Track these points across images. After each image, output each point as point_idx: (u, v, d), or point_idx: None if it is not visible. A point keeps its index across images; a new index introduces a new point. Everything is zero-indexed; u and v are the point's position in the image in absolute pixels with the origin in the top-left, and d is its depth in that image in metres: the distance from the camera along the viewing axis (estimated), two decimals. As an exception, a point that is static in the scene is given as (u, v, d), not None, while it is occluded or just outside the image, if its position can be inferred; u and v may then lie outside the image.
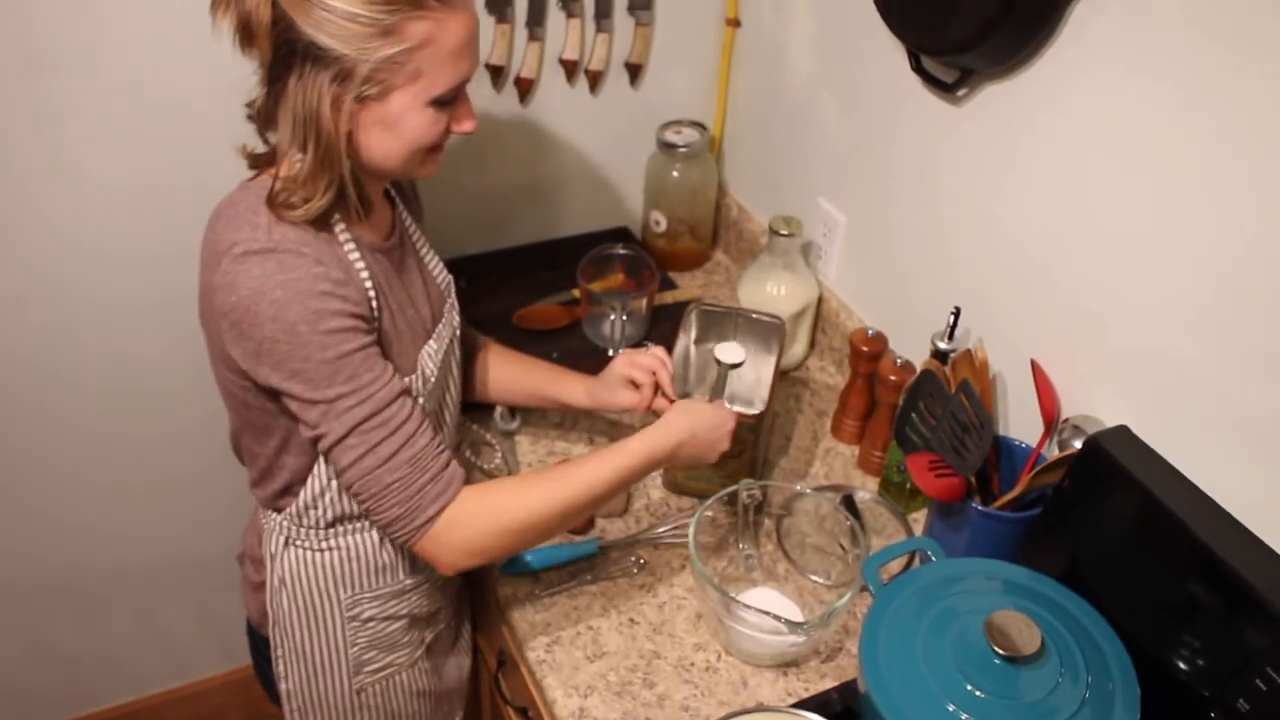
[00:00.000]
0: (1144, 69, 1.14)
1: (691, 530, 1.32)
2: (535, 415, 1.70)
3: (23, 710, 2.16)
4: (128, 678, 2.24)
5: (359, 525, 1.33)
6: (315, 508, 1.29)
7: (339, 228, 1.18)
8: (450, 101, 1.16)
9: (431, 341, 1.33)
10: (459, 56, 1.13)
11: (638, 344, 1.76)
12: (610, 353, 1.75)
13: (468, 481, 1.21)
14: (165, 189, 1.65)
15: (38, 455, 1.85)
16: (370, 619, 1.39)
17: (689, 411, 1.36)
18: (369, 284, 1.20)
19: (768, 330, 1.60)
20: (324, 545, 1.33)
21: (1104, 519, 1.20)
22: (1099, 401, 1.31)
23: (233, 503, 2.01)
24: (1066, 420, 1.33)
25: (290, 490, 1.29)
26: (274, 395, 1.17)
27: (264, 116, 1.16)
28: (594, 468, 1.27)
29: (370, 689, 1.44)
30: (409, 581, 1.40)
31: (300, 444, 1.24)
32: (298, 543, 1.33)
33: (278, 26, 1.05)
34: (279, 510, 1.32)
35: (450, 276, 1.43)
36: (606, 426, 1.69)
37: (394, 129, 1.14)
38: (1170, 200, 1.15)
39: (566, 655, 1.36)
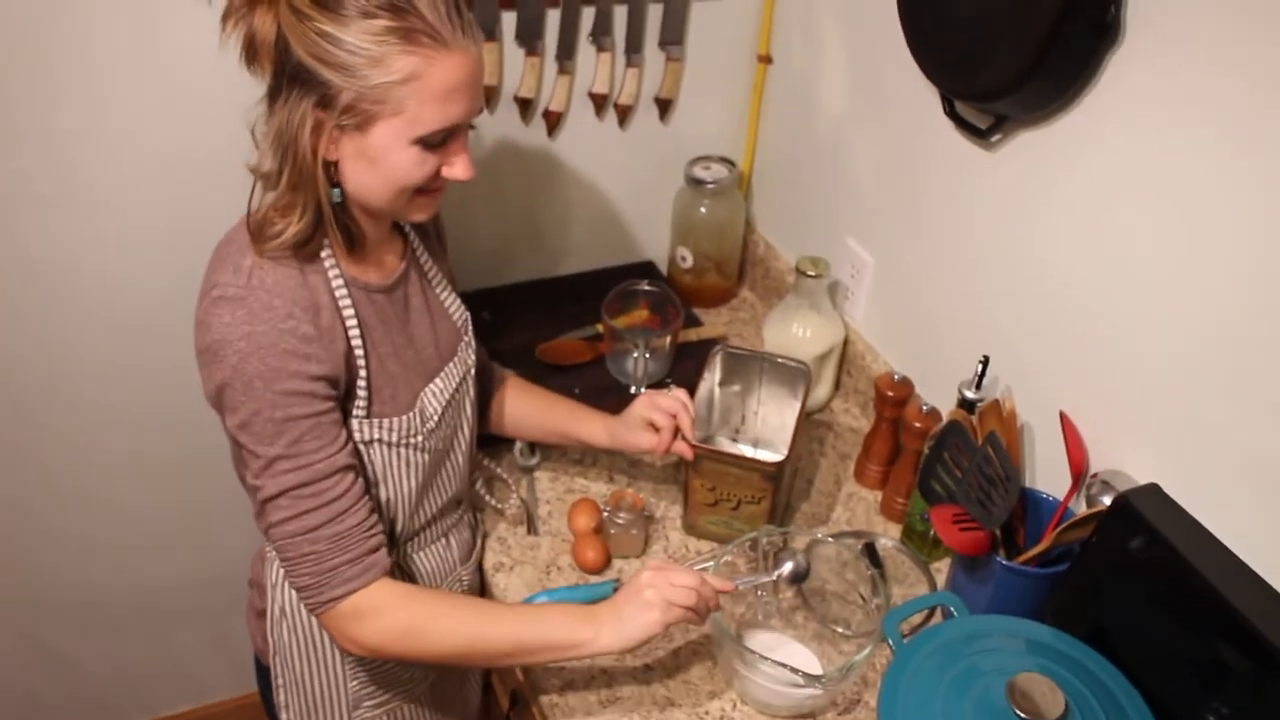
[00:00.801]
0: (1181, 117, 1.13)
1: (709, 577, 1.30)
2: (555, 452, 1.68)
3: (36, 729, 2.16)
4: (141, 699, 2.24)
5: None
6: None
7: (329, 264, 1.18)
8: (439, 144, 1.14)
9: (437, 381, 1.33)
10: (448, 99, 1.10)
11: (660, 382, 1.75)
12: (633, 390, 1.73)
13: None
14: (192, 208, 1.65)
15: (55, 474, 1.85)
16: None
17: (613, 608, 1.21)
18: (354, 327, 1.19)
19: (793, 375, 1.58)
20: None
21: (1132, 578, 1.18)
22: (1128, 456, 1.29)
23: (249, 526, 2.01)
24: (1095, 475, 1.30)
25: None
26: None
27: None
28: (513, 622, 1.23)
29: None
30: None
31: None
32: None
33: (279, 47, 1.07)
34: None
35: (468, 314, 1.42)
36: (627, 465, 1.67)
37: (376, 164, 1.12)
38: (1205, 252, 1.13)
39: (579, 699, 1.34)
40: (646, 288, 1.81)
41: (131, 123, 1.57)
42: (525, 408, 1.55)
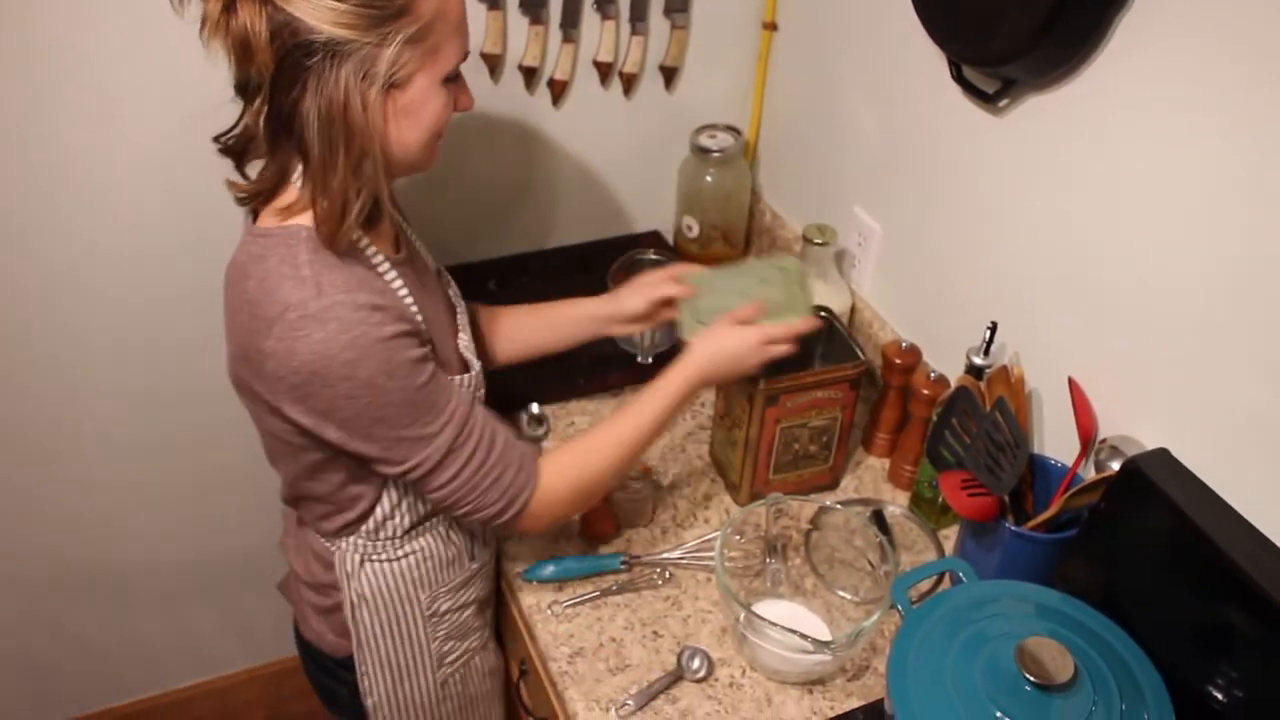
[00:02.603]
0: (1191, 83, 1.12)
1: (718, 545, 1.31)
2: (562, 423, 1.69)
3: (52, 701, 2.18)
4: (155, 671, 2.26)
5: (428, 524, 1.34)
6: (393, 518, 1.29)
7: (364, 243, 1.16)
8: (455, 79, 1.14)
9: (462, 334, 1.34)
10: (460, 29, 1.11)
11: (668, 353, 1.74)
12: (639, 359, 1.73)
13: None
14: (191, 185, 1.65)
15: (63, 452, 1.86)
16: (446, 611, 1.40)
17: (707, 339, 1.38)
18: (409, 298, 1.19)
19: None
20: (400, 554, 1.33)
21: (1141, 543, 1.18)
22: (1138, 422, 1.28)
23: (261, 501, 2.02)
24: (1104, 440, 1.30)
25: (364, 515, 1.28)
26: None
27: (258, 139, 1.10)
28: (641, 408, 1.33)
29: (452, 679, 1.46)
30: (474, 566, 1.42)
31: (368, 470, 1.22)
32: (374, 558, 1.32)
33: (279, 36, 1.00)
34: (349, 535, 1.31)
35: (436, 262, 1.42)
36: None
37: (416, 115, 1.11)
38: (1215, 218, 1.12)
39: (589, 667, 1.34)
40: (653, 257, 1.81)
41: (129, 108, 1.56)
42: (512, 325, 1.55)
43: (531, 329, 1.56)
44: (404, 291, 1.18)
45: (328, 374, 1.07)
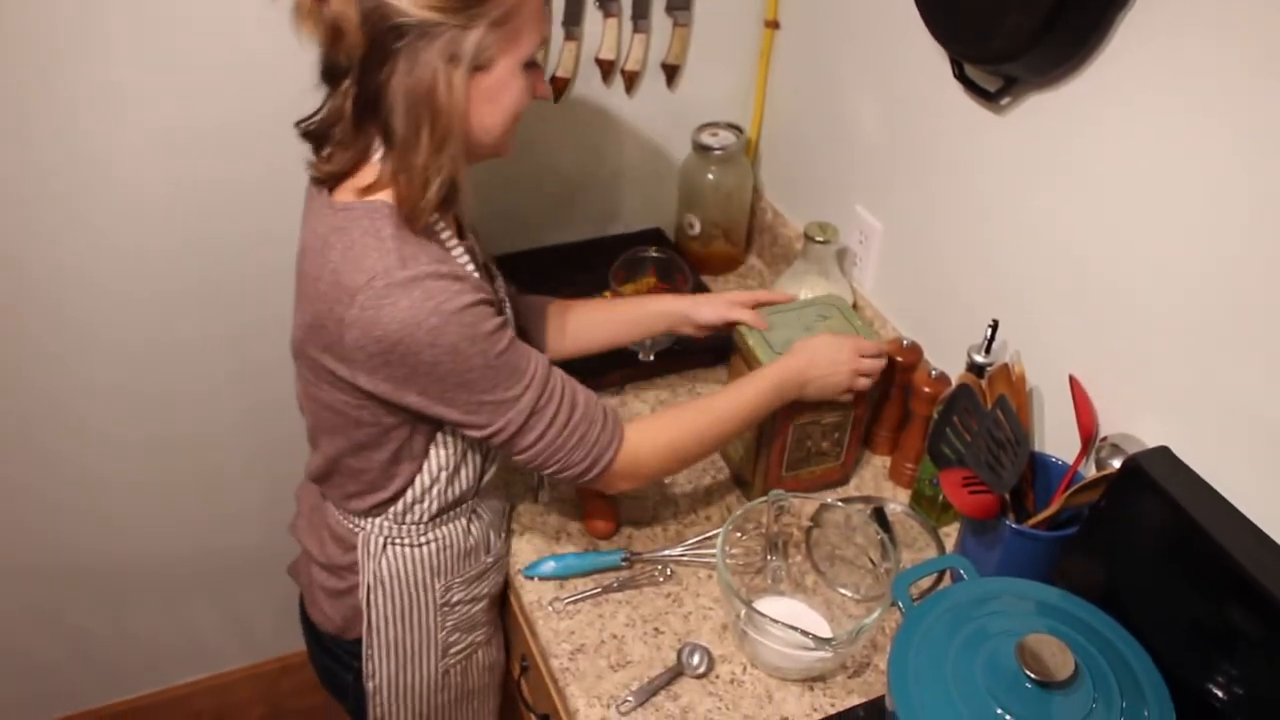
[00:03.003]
0: (1193, 81, 1.12)
1: (720, 542, 1.31)
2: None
3: (51, 696, 2.18)
4: (154, 667, 2.26)
5: (453, 513, 1.36)
6: (422, 502, 1.31)
7: (439, 225, 1.19)
8: (532, 65, 1.17)
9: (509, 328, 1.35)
10: (540, 12, 1.14)
11: (669, 350, 1.74)
12: (640, 356, 1.73)
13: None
14: (198, 181, 1.66)
15: (65, 449, 1.86)
16: (458, 603, 1.42)
17: (807, 342, 1.44)
18: (476, 276, 1.21)
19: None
20: (422, 540, 1.35)
21: (1142, 541, 1.18)
22: (1138, 420, 1.28)
23: (262, 498, 2.02)
24: (1105, 438, 1.30)
25: (398, 494, 1.30)
26: (400, 409, 1.19)
27: (344, 122, 1.12)
28: (734, 395, 1.37)
29: (453, 670, 1.47)
30: (489, 560, 1.44)
31: (413, 450, 1.26)
32: (397, 541, 1.34)
33: (369, 20, 1.04)
34: (377, 515, 1.33)
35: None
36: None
37: (496, 100, 1.14)
38: (1217, 217, 1.12)
39: (590, 663, 1.34)
40: (654, 254, 1.81)
41: (138, 95, 1.56)
42: (585, 322, 1.57)
43: (603, 324, 1.58)
44: (471, 269, 1.21)
45: (412, 341, 1.10)
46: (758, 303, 1.55)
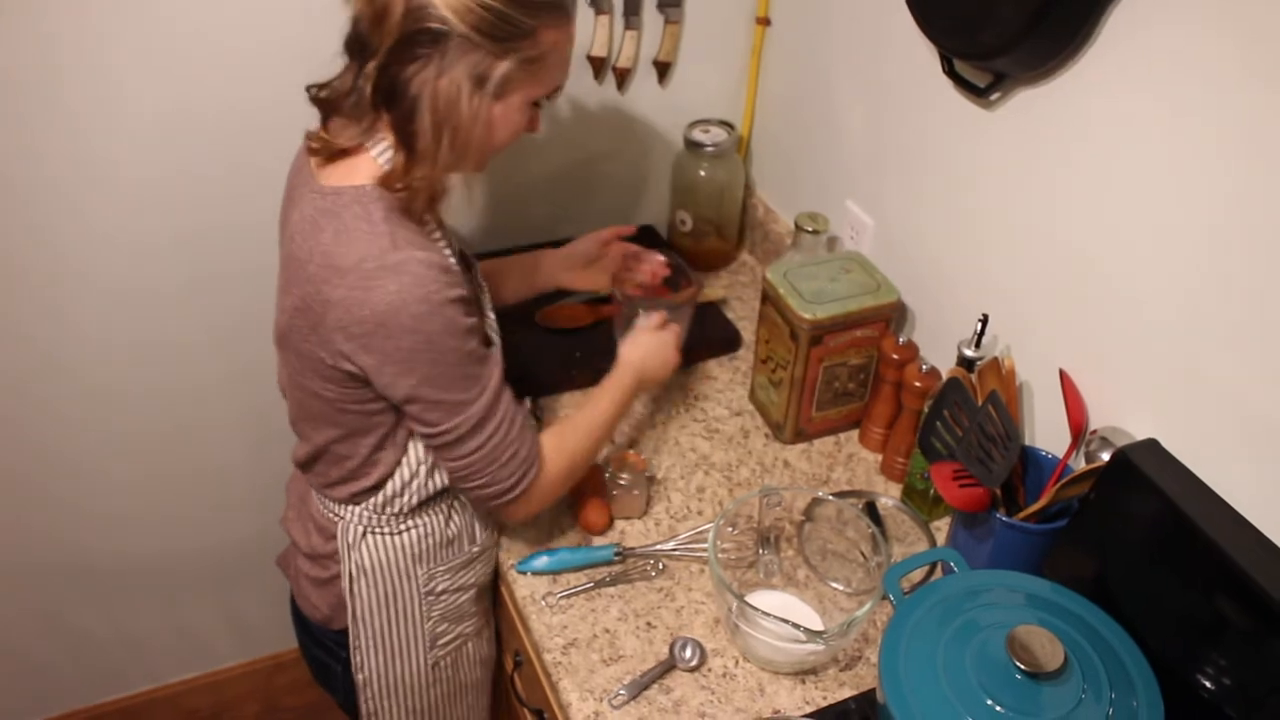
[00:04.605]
0: (1181, 76, 1.12)
1: (711, 537, 1.32)
2: (557, 415, 1.69)
3: (47, 695, 2.18)
4: (149, 665, 2.26)
5: (434, 503, 1.37)
6: (402, 495, 1.33)
7: (425, 220, 1.21)
8: (538, 104, 1.22)
9: (489, 314, 1.37)
10: (567, 61, 1.22)
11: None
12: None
13: None
14: (192, 174, 1.66)
15: (59, 446, 1.86)
16: (443, 592, 1.42)
17: (633, 341, 1.50)
18: (456, 267, 1.22)
19: None
20: (401, 528, 1.36)
21: (1131, 533, 1.18)
22: (1128, 413, 1.29)
23: (256, 496, 2.02)
24: (1094, 432, 1.31)
25: (379, 484, 1.31)
26: (380, 398, 1.21)
27: (357, 100, 1.15)
28: (603, 397, 1.42)
29: (443, 662, 1.48)
30: (474, 550, 1.44)
31: (396, 438, 1.28)
32: (376, 530, 1.35)
33: (413, 14, 1.06)
34: (357, 504, 1.34)
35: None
36: (629, 428, 1.68)
37: (499, 126, 1.18)
38: (1204, 211, 1.13)
39: (583, 658, 1.35)
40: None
41: (132, 83, 1.56)
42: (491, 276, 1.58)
43: (502, 285, 1.62)
44: (454, 263, 1.22)
45: (394, 324, 1.11)
46: (615, 235, 1.66)
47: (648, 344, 1.50)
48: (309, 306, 1.16)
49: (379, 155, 1.17)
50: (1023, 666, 1.03)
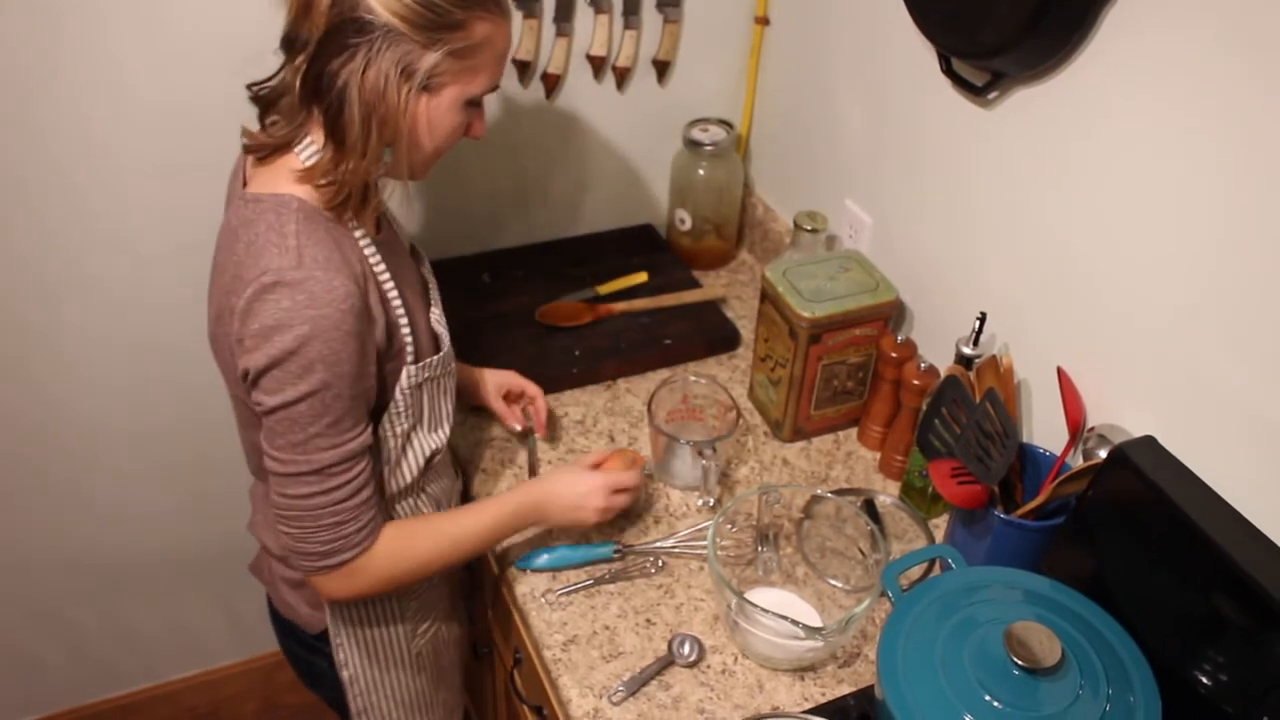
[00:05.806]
0: (1178, 75, 1.13)
1: (711, 534, 1.32)
2: (556, 414, 1.69)
3: (44, 693, 2.18)
4: (147, 663, 2.26)
5: (397, 501, 1.35)
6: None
7: (351, 224, 1.19)
8: (477, 104, 1.19)
9: (434, 309, 1.36)
10: (502, 59, 1.18)
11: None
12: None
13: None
14: (188, 168, 1.66)
15: (58, 441, 1.87)
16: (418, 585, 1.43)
17: (555, 473, 1.41)
18: (391, 288, 1.21)
19: None
20: None
21: (1128, 530, 1.19)
22: (1125, 411, 1.30)
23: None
24: (1092, 429, 1.31)
25: None
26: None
27: (290, 96, 1.13)
28: (474, 516, 1.34)
29: (424, 651, 1.48)
30: None
31: None
32: None
33: (339, 4, 1.05)
34: None
35: (413, 243, 1.46)
36: (626, 425, 1.68)
37: (434, 126, 1.16)
38: (1202, 210, 1.13)
39: (582, 654, 1.35)
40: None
41: (131, 75, 1.56)
42: None
43: None
44: (381, 268, 1.20)
45: (280, 340, 1.08)
46: (522, 392, 1.62)
47: (565, 480, 1.39)
48: (221, 316, 1.14)
49: (305, 155, 1.15)
50: (1020, 663, 1.03)
